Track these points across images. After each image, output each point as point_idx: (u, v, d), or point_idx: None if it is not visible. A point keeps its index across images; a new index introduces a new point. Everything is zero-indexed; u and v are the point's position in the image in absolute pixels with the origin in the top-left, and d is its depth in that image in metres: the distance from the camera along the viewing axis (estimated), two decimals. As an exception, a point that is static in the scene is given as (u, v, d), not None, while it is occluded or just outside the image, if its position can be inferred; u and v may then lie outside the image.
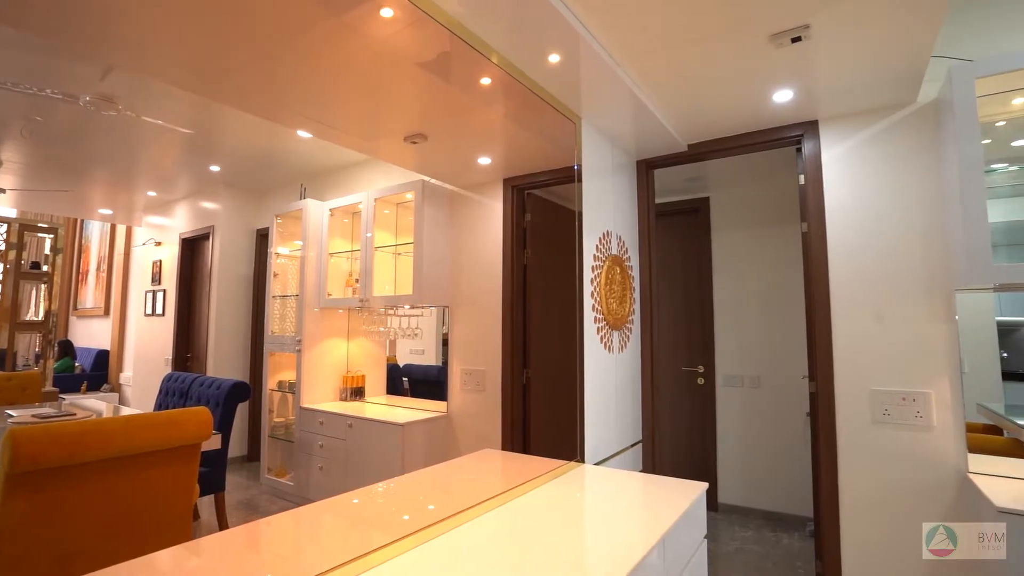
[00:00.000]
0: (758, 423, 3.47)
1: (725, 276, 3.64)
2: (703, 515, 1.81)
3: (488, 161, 2.85)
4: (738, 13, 1.64)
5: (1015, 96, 2.02)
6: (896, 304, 2.19)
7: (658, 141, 2.55)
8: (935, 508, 2.07)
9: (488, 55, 1.72)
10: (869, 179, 2.28)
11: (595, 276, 2.27)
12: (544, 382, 2.89)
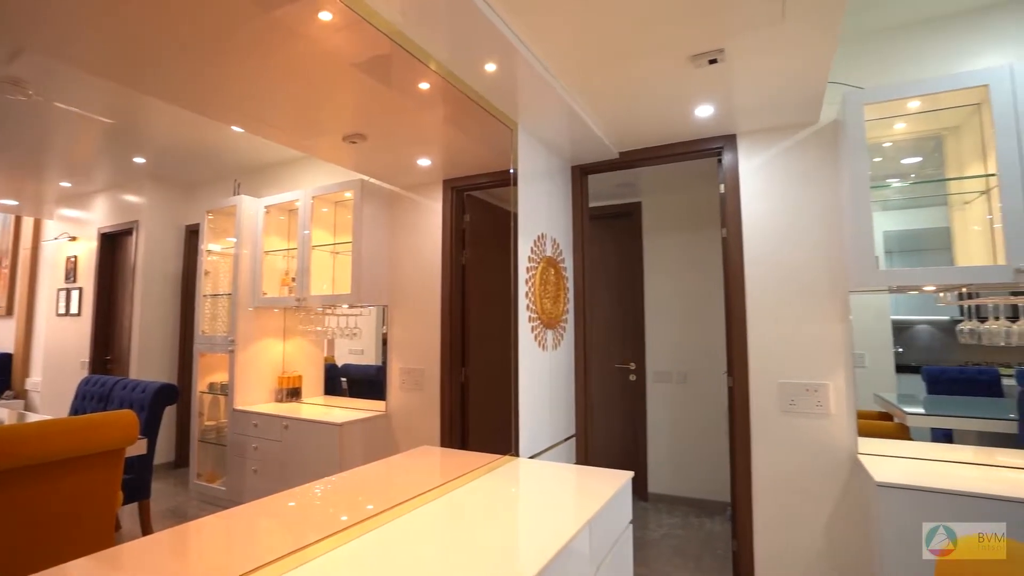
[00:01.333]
0: (685, 416, 3.69)
1: (656, 277, 3.84)
2: (628, 502, 1.93)
3: (428, 163, 2.89)
4: (662, 36, 1.77)
5: (896, 121, 2.28)
6: (801, 305, 2.42)
7: (592, 148, 2.68)
8: (831, 486, 2.31)
9: (426, 62, 1.77)
10: (779, 190, 2.50)
11: (530, 277, 2.36)
12: (482, 379, 2.96)
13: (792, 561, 2.37)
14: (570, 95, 2.16)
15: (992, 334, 2.17)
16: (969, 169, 2.15)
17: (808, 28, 1.71)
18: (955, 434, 2.67)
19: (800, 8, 1.61)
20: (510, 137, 2.34)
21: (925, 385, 2.86)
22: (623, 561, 1.83)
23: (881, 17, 2.35)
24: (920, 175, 2.47)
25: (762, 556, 2.42)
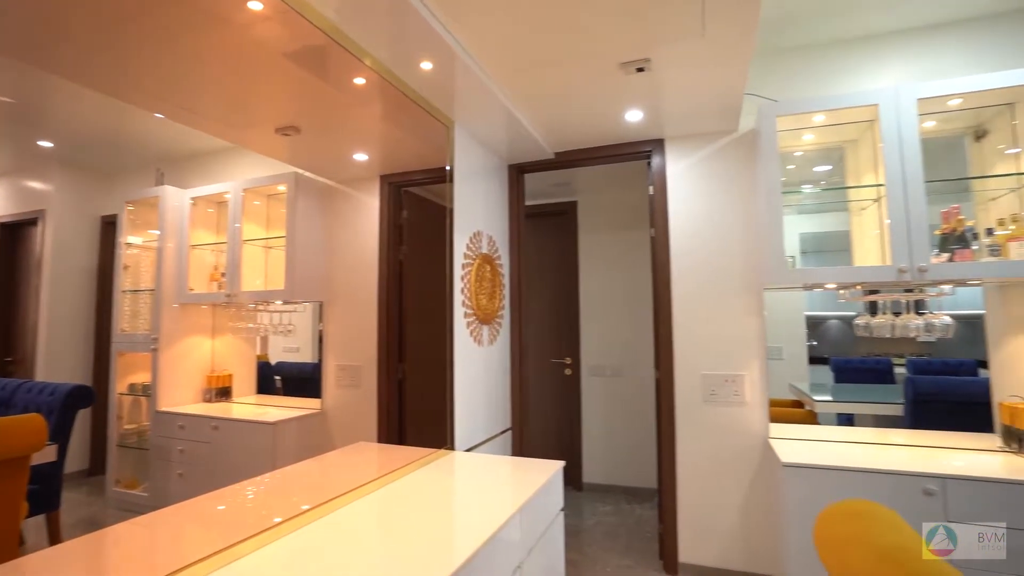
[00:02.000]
0: (618, 408, 3.85)
1: (590, 274, 3.98)
2: (559, 490, 2.01)
3: (364, 158, 2.85)
4: (592, 43, 1.85)
5: (805, 132, 2.48)
6: (722, 301, 2.59)
7: (528, 148, 2.74)
8: (746, 468, 2.50)
9: (362, 58, 1.77)
10: (703, 193, 2.66)
11: (465, 273, 2.40)
12: (420, 375, 2.97)
13: (711, 539, 2.54)
14: (506, 96, 2.21)
15: (880, 327, 2.40)
16: (865, 179, 2.38)
17: (725, 44, 1.84)
18: (856, 418, 2.95)
19: (718, 25, 1.73)
20: (446, 135, 2.37)
21: (832, 375, 3.13)
22: (554, 546, 1.91)
23: (793, 36, 2.54)
24: (829, 182, 2.70)
25: (685, 536, 2.58)
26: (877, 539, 0.84)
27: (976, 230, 2.25)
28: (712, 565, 2.53)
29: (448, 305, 2.30)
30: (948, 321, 2.24)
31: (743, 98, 2.31)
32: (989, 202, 2.34)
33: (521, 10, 1.66)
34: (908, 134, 2.08)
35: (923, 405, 2.67)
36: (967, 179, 2.37)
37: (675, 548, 2.59)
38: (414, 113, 2.18)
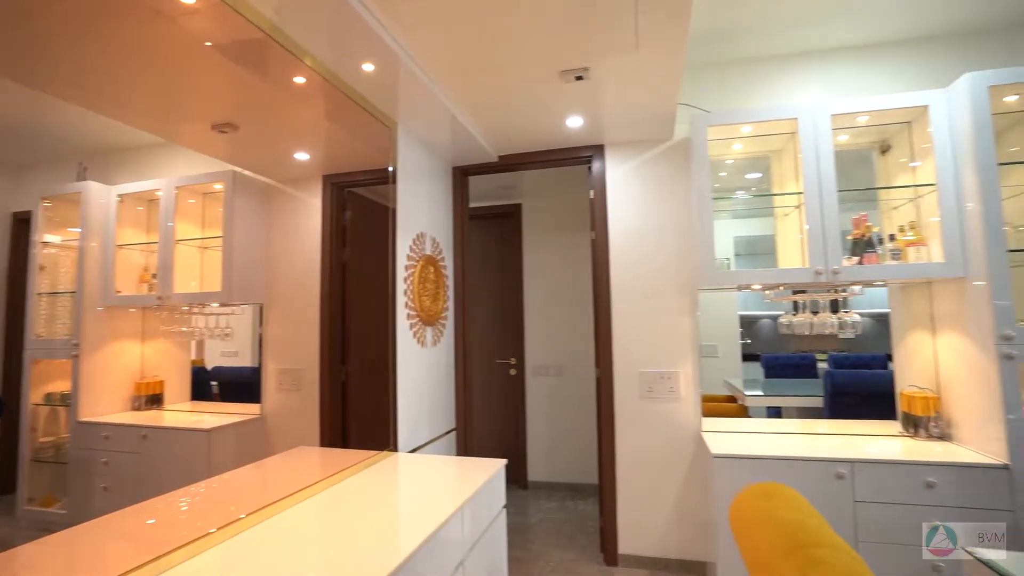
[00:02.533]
0: (562, 407, 3.94)
1: (535, 275, 4.05)
2: (502, 488, 2.04)
3: (306, 157, 2.80)
4: (533, 51, 1.90)
5: (734, 142, 2.63)
6: (658, 301, 2.70)
7: (472, 151, 2.77)
8: (681, 461, 2.62)
9: (302, 57, 1.75)
10: (641, 198, 2.77)
11: (409, 275, 2.40)
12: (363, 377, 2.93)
13: (649, 530, 2.65)
14: (450, 100, 2.23)
15: (800, 325, 2.58)
16: (787, 187, 2.55)
17: (658, 57, 1.94)
18: (783, 410, 3.14)
19: (650, 40, 1.82)
20: (390, 136, 2.36)
21: (763, 370, 3.32)
22: (496, 543, 1.94)
23: (726, 51, 2.69)
24: (758, 189, 2.87)
25: (624, 528, 2.68)
26: (778, 516, 0.92)
27: (882, 235, 2.46)
28: (650, 555, 2.64)
29: (390, 307, 2.30)
30: (857, 319, 2.43)
31: (677, 108, 2.42)
32: (892, 210, 2.56)
33: (463, 17, 1.69)
34: (823, 147, 2.25)
35: (839, 397, 2.88)
36: (874, 189, 2.59)
37: (615, 540, 2.68)
38: (357, 114, 2.17)
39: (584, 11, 1.66)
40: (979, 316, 2.03)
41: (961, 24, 2.47)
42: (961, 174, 2.12)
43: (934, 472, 1.94)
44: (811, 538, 0.81)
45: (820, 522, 0.91)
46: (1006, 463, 1.89)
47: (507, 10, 1.65)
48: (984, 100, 2.03)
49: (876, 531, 1.96)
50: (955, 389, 2.22)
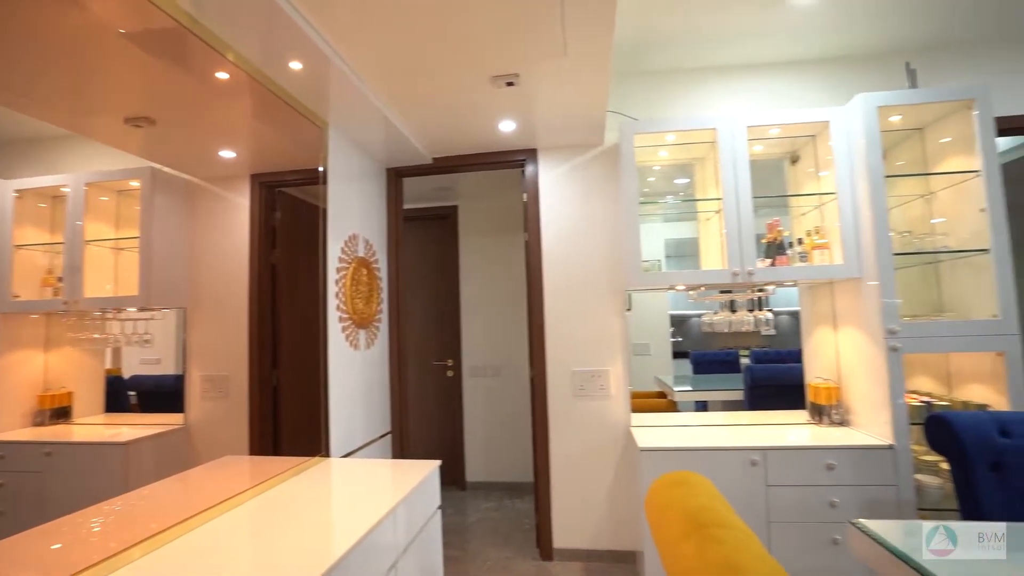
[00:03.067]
0: (499, 407, 3.98)
1: (472, 277, 4.08)
2: (436, 489, 2.05)
3: (232, 155, 2.69)
4: (464, 56, 1.92)
5: (661, 149, 2.77)
6: (589, 302, 2.80)
7: (406, 153, 2.76)
8: (612, 456, 2.72)
9: (224, 52, 1.70)
10: (573, 201, 2.85)
11: (340, 277, 2.37)
12: (295, 382, 2.85)
13: (582, 523, 2.74)
14: (382, 102, 2.22)
15: (719, 324, 2.74)
16: (709, 192, 2.70)
17: (585, 65, 2.01)
18: (709, 404, 3.33)
19: (578, 48, 1.89)
20: (320, 136, 2.32)
21: (692, 367, 3.50)
22: (431, 544, 1.95)
23: (651, 62, 2.81)
24: (686, 194, 3.02)
25: (559, 523, 2.75)
26: (686, 502, 0.99)
27: (792, 239, 2.66)
28: (584, 547, 2.73)
29: (321, 310, 2.26)
30: (771, 317, 2.62)
31: (606, 115, 2.52)
32: (801, 216, 2.77)
33: (393, 21, 1.69)
34: (740, 156, 2.41)
35: (757, 390, 3.08)
36: (784, 196, 2.79)
37: (550, 536, 2.75)
38: (286, 113, 2.11)
39: (513, 19, 1.70)
40: (871, 313, 2.24)
41: (857, 49, 2.72)
42: (856, 185, 2.33)
43: (834, 455, 2.12)
44: (710, 519, 0.88)
45: (723, 505, 0.98)
46: (891, 444, 2.10)
47: (437, 16, 1.67)
48: (874, 119, 2.24)
49: (785, 511, 2.13)
50: (853, 379, 2.43)
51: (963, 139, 2.29)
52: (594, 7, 1.65)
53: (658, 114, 2.84)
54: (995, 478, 1.54)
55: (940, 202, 2.48)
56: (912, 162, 2.59)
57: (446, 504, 3.69)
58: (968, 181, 2.27)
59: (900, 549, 1.17)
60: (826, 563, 2.08)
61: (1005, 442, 1.56)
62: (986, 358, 2.19)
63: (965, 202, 2.29)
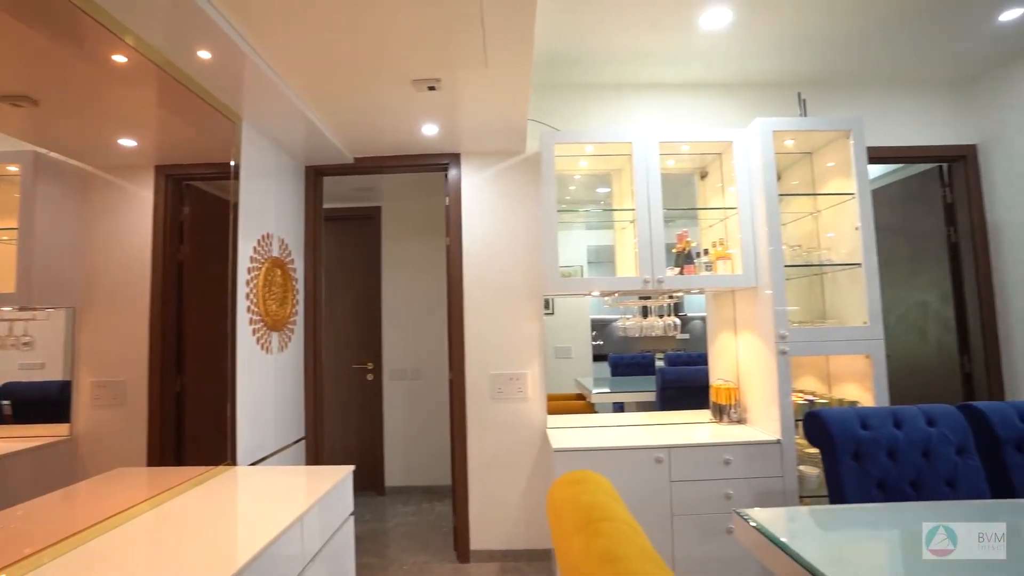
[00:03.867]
0: (419, 411, 3.96)
1: (394, 279, 4.03)
2: (349, 495, 2.01)
3: (133, 144, 2.51)
4: (385, 58, 1.91)
5: (580, 160, 2.87)
6: (509, 306, 2.85)
7: (326, 151, 2.70)
8: (528, 457, 2.78)
9: (121, 35, 1.59)
10: (495, 206, 2.90)
11: (252, 278, 2.27)
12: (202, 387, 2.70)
13: (499, 524, 2.78)
14: (301, 99, 2.16)
15: (632, 328, 2.88)
16: (625, 203, 2.83)
17: (506, 74, 2.06)
18: (626, 405, 3.47)
19: (499, 58, 1.93)
20: (233, 130, 2.22)
21: (610, 369, 3.64)
22: (343, 552, 1.91)
23: (575, 76, 2.91)
24: (605, 203, 3.14)
25: (476, 525, 2.78)
26: (581, 499, 1.04)
27: (699, 250, 2.85)
28: (500, 548, 2.77)
29: (230, 312, 2.16)
30: (677, 322, 2.78)
31: (528, 123, 2.59)
32: (708, 228, 2.97)
33: (310, 18, 1.65)
34: (652, 169, 2.54)
35: (668, 391, 3.26)
36: (693, 209, 2.98)
37: (467, 538, 2.77)
38: (194, 104, 2.01)
39: (433, 25, 1.72)
40: (765, 319, 2.44)
41: (758, 77, 2.95)
42: (755, 201, 2.53)
43: (730, 451, 2.29)
44: (600, 514, 0.94)
45: (614, 501, 1.05)
46: (779, 439, 2.30)
47: (357, 17, 1.66)
48: (769, 142, 2.45)
49: (687, 504, 2.27)
50: (749, 380, 2.64)
51: (842, 164, 2.56)
52: (513, 21, 1.70)
53: (578, 126, 2.95)
54: (856, 466, 1.72)
55: (825, 220, 2.74)
56: (803, 182, 2.85)
57: (364, 510, 3.62)
58: (846, 202, 2.53)
59: (772, 534, 1.29)
60: (723, 551, 2.24)
61: (864, 434, 1.75)
62: (858, 360, 2.45)
63: (844, 221, 2.56)
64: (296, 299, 2.72)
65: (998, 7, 2.40)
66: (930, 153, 3.05)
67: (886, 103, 3.05)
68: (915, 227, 3.31)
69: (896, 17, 2.44)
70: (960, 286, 3.07)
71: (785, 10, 2.34)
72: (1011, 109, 2.88)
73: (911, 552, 1.31)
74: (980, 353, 2.97)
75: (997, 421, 1.82)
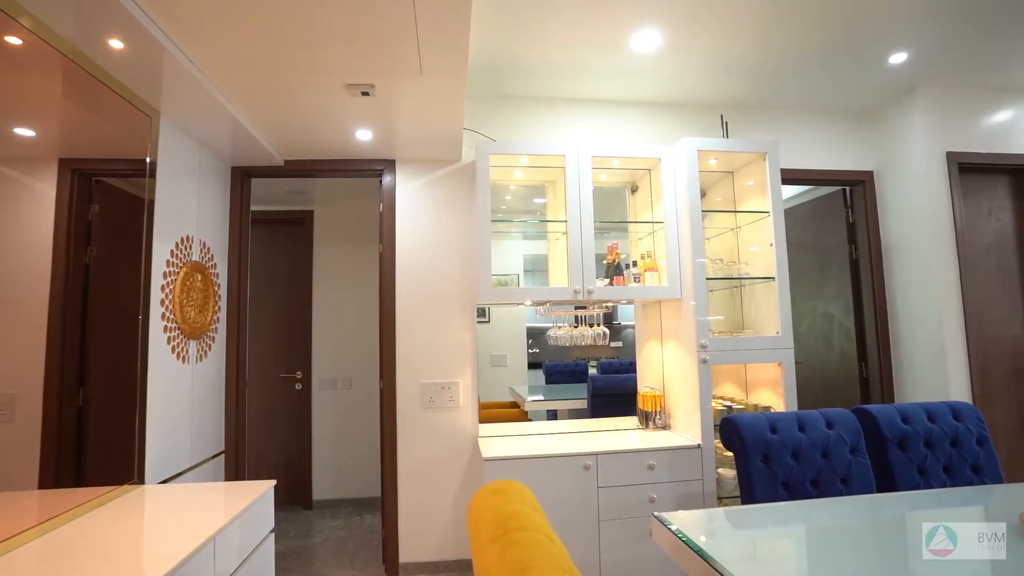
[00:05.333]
0: (350, 421, 3.86)
1: (325, 286, 3.92)
2: (269, 510, 1.93)
3: (32, 134, 2.31)
4: (317, 60, 1.87)
5: (516, 170, 2.92)
6: (441, 314, 2.84)
7: (254, 152, 2.60)
8: (459, 467, 2.78)
9: (15, 15, 1.47)
10: (430, 214, 2.88)
11: (169, 282, 2.15)
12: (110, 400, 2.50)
13: (429, 536, 2.75)
14: (227, 97, 2.07)
15: (563, 337, 2.94)
16: (558, 214, 2.89)
17: (441, 83, 2.06)
18: (559, 413, 3.53)
19: (434, 67, 1.94)
20: (150, 126, 2.09)
21: (544, 377, 3.69)
22: (262, 571, 1.83)
23: (512, 87, 2.96)
24: (540, 214, 3.20)
25: (405, 537, 2.73)
26: (499, 508, 1.05)
27: (629, 261, 2.96)
28: (429, 560, 2.73)
29: (142, 319, 2.03)
30: (606, 331, 2.86)
31: (463, 132, 2.60)
32: (638, 240, 3.09)
33: (234, 12, 1.59)
34: (584, 182, 2.62)
35: (598, 398, 3.35)
36: (624, 222, 3.09)
37: (396, 550, 2.72)
38: (105, 95, 1.88)
39: (367, 30, 1.70)
40: (688, 329, 2.56)
41: (685, 97, 3.12)
42: (680, 216, 2.66)
43: (654, 456, 2.38)
44: (517, 524, 0.95)
45: (533, 511, 1.07)
46: (699, 443, 2.42)
47: (286, 16, 1.61)
48: (694, 160, 2.59)
49: (613, 510, 2.33)
50: (674, 388, 2.75)
51: (760, 184, 2.74)
52: (447, 30, 1.71)
53: (514, 136, 3.00)
54: (765, 467, 1.84)
55: (745, 235, 2.92)
56: (726, 199, 3.03)
57: (289, 525, 3.47)
58: (762, 219, 2.70)
59: (685, 536, 1.35)
60: (648, 554, 2.31)
61: (773, 438, 1.88)
62: (771, 367, 2.62)
63: (761, 237, 2.73)
64: (218, 305, 2.58)
65: (889, 50, 2.67)
66: (835, 177, 3.32)
67: (799, 129, 3.30)
68: (823, 244, 3.59)
69: (808, 51, 2.65)
70: (860, 299, 3.35)
71: (711, 37, 2.49)
72: (900, 140, 3.20)
73: (813, 546, 1.41)
74: (875, 360, 3.25)
75: (884, 423, 2.00)
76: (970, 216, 3.14)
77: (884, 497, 1.69)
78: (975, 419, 2.08)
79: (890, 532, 1.49)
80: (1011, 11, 2.39)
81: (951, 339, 2.95)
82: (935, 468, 1.99)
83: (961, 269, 3.00)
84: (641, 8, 2.25)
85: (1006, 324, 3.14)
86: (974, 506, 1.66)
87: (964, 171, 3.12)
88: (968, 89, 3.14)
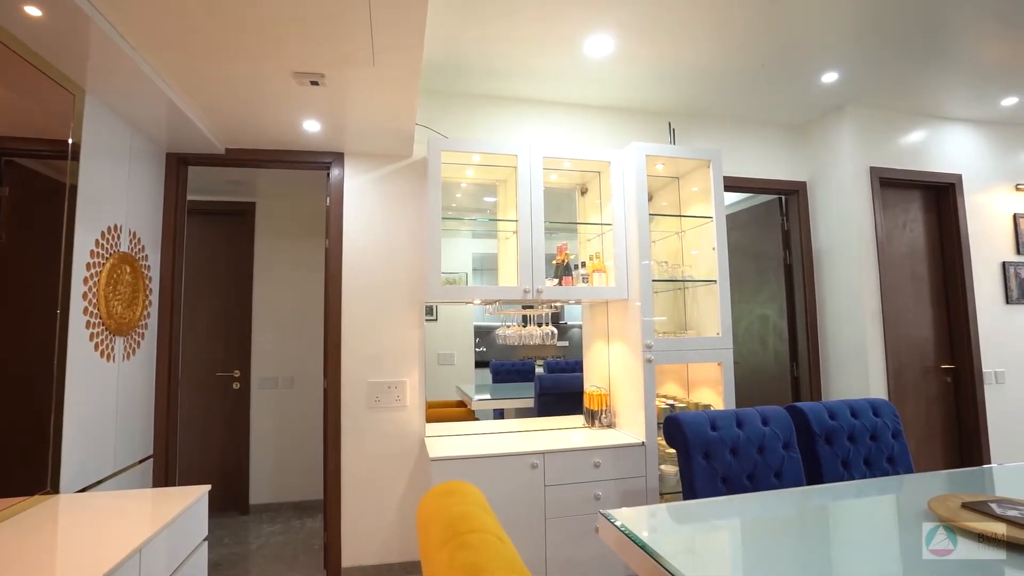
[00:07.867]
0: (291, 421, 3.73)
1: (267, 281, 3.77)
2: (203, 518, 1.83)
3: (-69, 109, 2.09)
4: (261, 45, 1.79)
5: (468, 168, 2.90)
6: (389, 312, 2.78)
7: (192, 138, 2.45)
8: (405, 467, 2.73)
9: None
10: (379, 210, 2.82)
11: (93, 274, 1.99)
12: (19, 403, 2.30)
13: (373, 538, 2.69)
14: (161, 78, 1.94)
15: (511, 336, 2.95)
16: (509, 213, 2.90)
17: (394, 76, 2.02)
18: (506, 411, 3.54)
19: (387, 60, 1.89)
20: (74, 104, 1.93)
21: (491, 376, 3.69)
22: (193, 581, 1.73)
23: (466, 85, 2.94)
24: (491, 213, 3.19)
25: (348, 540, 2.66)
26: (449, 511, 1.04)
27: (578, 262, 3.00)
28: (373, 563, 2.68)
29: (60, 314, 1.87)
30: (554, 331, 2.90)
31: (415, 128, 2.56)
32: (587, 241, 3.14)
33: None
34: (535, 183, 2.63)
35: (545, 397, 3.38)
36: (573, 223, 3.13)
37: (339, 554, 2.64)
38: (20, 68, 1.71)
39: (319, 17, 1.63)
40: (634, 329, 2.62)
41: (635, 103, 3.20)
42: (628, 219, 2.72)
43: (599, 454, 2.43)
44: (466, 526, 0.94)
45: (484, 512, 1.06)
46: (643, 441, 2.49)
47: (227, -4, 1.53)
48: (642, 165, 2.65)
49: (560, 507, 2.36)
50: (619, 387, 2.82)
51: (704, 190, 2.84)
52: (403, 22, 1.67)
53: (466, 134, 2.98)
54: (706, 464, 1.92)
55: (689, 239, 3.03)
56: (672, 204, 3.13)
57: (224, 532, 3.31)
58: (706, 224, 2.81)
59: (631, 531, 1.39)
60: (593, 551, 2.36)
61: (713, 435, 1.96)
62: (712, 367, 2.73)
63: (704, 241, 2.84)
64: (149, 300, 2.43)
65: (822, 69, 2.84)
66: (772, 186, 3.50)
67: (740, 138, 3.45)
68: (760, 249, 3.78)
69: (750, 65, 2.77)
70: (793, 302, 3.55)
71: (660, 46, 2.56)
72: (830, 153, 3.41)
73: (748, 538, 1.48)
74: (805, 359, 3.45)
75: (814, 419, 2.13)
76: (889, 227, 3.39)
77: (811, 490, 1.80)
78: (891, 414, 2.25)
79: (815, 522, 1.58)
80: (927, 44, 2.61)
81: (871, 340, 3.18)
82: (856, 461, 2.13)
83: (881, 276, 3.24)
84: (594, 13, 2.29)
85: (916, 327, 3.42)
86: (888, 495, 1.79)
87: (884, 185, 3.38)
88: (889, 110, 3.39)
